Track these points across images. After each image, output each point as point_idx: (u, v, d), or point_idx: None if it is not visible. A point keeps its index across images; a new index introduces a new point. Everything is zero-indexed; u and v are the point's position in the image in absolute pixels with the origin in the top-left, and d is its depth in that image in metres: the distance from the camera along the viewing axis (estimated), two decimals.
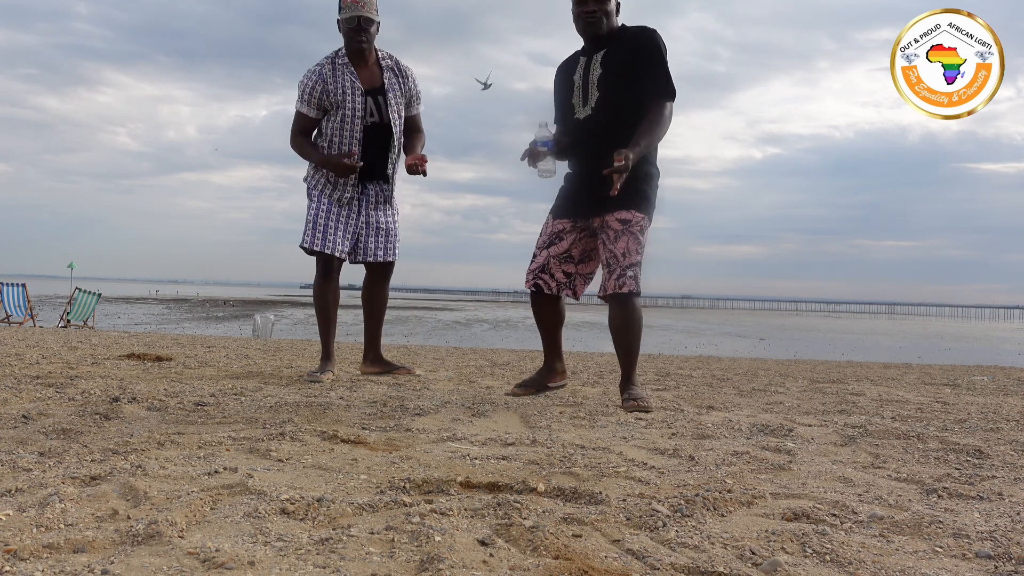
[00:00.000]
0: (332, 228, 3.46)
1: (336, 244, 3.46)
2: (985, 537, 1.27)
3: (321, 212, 3.46)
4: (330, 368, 3.51)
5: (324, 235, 3.44)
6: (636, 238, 2.78)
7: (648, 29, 2.85)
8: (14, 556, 1.04)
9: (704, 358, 7.89)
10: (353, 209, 3.51)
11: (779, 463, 1.82)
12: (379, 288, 3.71)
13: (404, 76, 3.54)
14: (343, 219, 3.49)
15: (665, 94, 2.79)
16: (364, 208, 3.54)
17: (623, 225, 2.78)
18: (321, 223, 3.45)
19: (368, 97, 3.43)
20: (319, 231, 3.44)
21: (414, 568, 1.06)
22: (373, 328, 3.73)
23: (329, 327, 3.58)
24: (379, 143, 3.49)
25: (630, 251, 2.77)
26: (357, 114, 3.41)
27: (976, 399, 3.58)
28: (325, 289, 3.54)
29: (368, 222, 3.56)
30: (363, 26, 3.35)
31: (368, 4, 3.36)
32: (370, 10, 3.36)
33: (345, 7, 3.36)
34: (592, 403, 2.87)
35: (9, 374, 3.20)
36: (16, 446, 1.75)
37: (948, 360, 10.65)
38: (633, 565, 1.09)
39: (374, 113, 3.46)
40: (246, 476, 1.50)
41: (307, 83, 3.41)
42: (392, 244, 3.61)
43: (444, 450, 1.87)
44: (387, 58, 3.52)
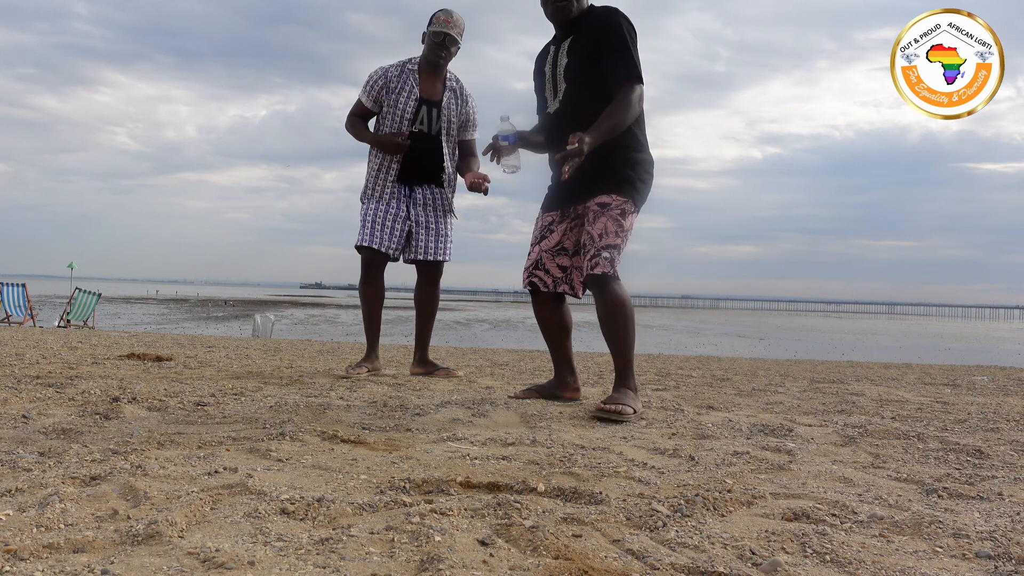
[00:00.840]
0: (379, 226, 3.63)
1: (381, 240, 3.62)
2: (985, 537, 1.27)
3: (368, 212, 3.66)
4: (366, 364, 3.69)
5: (371, 232, 3.63)
6: (615, 221, 2.65)
7: (612, 11, 2.71)
8: (14, 556, 1.04)
9: (704, 358, 7.89)
10: (401, 210, 3.67)
11: (779, 463, 1.82)
12: (429, 289, 3.81)
13: (464, 100, 3.74)
14: (390, 219, 3.65)
15: (629, 78, 2.63)
16: (413, 209, 3.70)
17: (602, 208, 2.67)
18: (370, 220, 3.64)
19: (423, 105, 3.64)
20: (366, 228, 3.64)
21: (414, 568, 1.06)
22: (422, 329, 3.84)
23: (371, 323, 3.76)
24: (426, 152, 3.67)
25: (607, 232, 2.64)
26: (406, 116, 3.61)
27: (976, 399, 3.58)
28: (368, 287, 3.71)
29: (418, 222, 3.70)
30: (447, 44, 3.58)
31: (457, 27, 3.60)
32: (457, 32, 3.61)
33: (437, 23, 3.58)
34: (592, 403, 2.87)
35: (9, 374, 3.20)
36: (16, 446, 1.75)
37: (948, 360, 10.65)
38: (633, 565, 1.09)
39: (424, 122, 3.65)
40: (246, 476, 1.50)
41: (373, 76, 3.64)
42: (443, 245, 3.74)
43: (444, 450, 1.87)
44: (453, 80, 3.72)
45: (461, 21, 3.62)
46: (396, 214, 3.65)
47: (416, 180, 3.69)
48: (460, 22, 3.61)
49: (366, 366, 3.68)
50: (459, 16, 3.62)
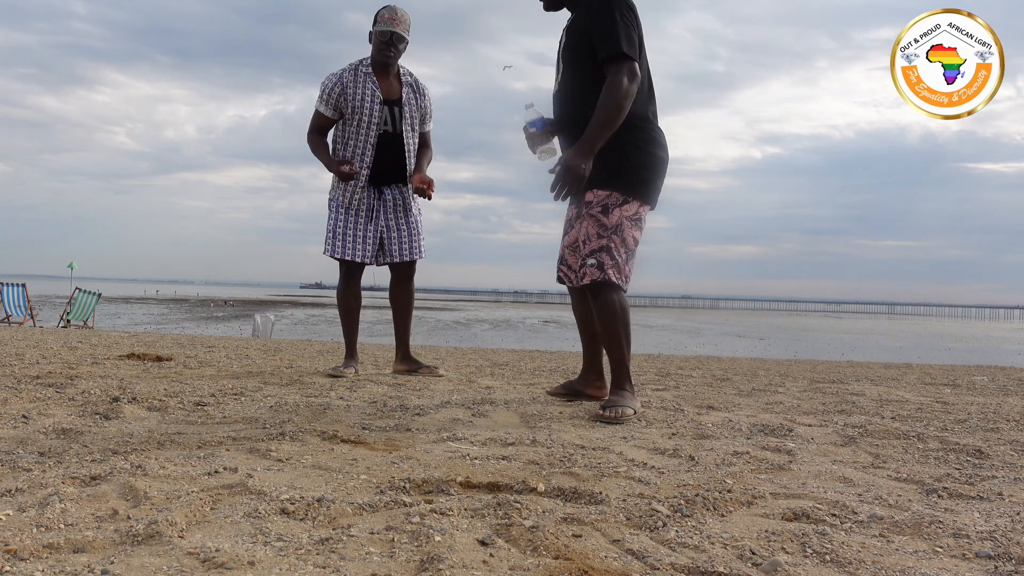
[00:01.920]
0: (351, 235, 3.65)
1: (356, 250, 3.65)
2: (985, 537, 1.27)
3: (339, 222, 3.66)
4: (353, 365, 3.73)
5: (343, 243, 3.65)
6: (596, 221, 2.52)
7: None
8: (14, 556, 1.04)
9: (704, 358, 7.89)
10: (371, 216, 3.68)
11: (779, 463, 1.82)
12: (403, 287, 3.83)
13: (421, 93, 3.73)
14: (361, 226, 3.67)
15: (613, 56, 2.43)
16: (383, 213, 3.70)
17: (586, 208, 2.55)
18: (340, 231, 3.66)
19: (385, 107, 3.62)
20: (338, 240, 3.65)
21: (414, 568, 1.06)
22: (400, 327, 3.86)
23: (352, 328, 3.79)
24: (392, 151, 3.66)
25: (589, 237, 2.53)
26: (374, 121, 3.60)
27: (976, 399, 3.58)
28: (347, 293, 3.76)
29: (389, 225, 3.71)
30: (394, 42, 3.56)
31: (402, 23, 3.57)
32: (403, 29, 3.57)
33: (381, 21, 3.56)
34: (592, 403, 2.87)
35: (9, 374, 3.20)
36: (16, 446, 1.75)
37: (948, 360, 10.65)
38: (633, 565, 1.09)
39: (388, 122, 3.64)
40: (246, 476, 1.50)
41: (328, 84, 3.60)
42: (415, 243, 3.75)
43: (444, 450, 1.87)
44: (408, 74, 3.71)
45: (406, 16, 3.58)
46: (367, 222, 3.66)
47: (385, 181, 3.69)
48: (405, 18, 3.58)
49: (353, 366, 3.71)
50: (403, 11, 3.58)
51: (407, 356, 3.83)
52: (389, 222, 3.70)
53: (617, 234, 2.53)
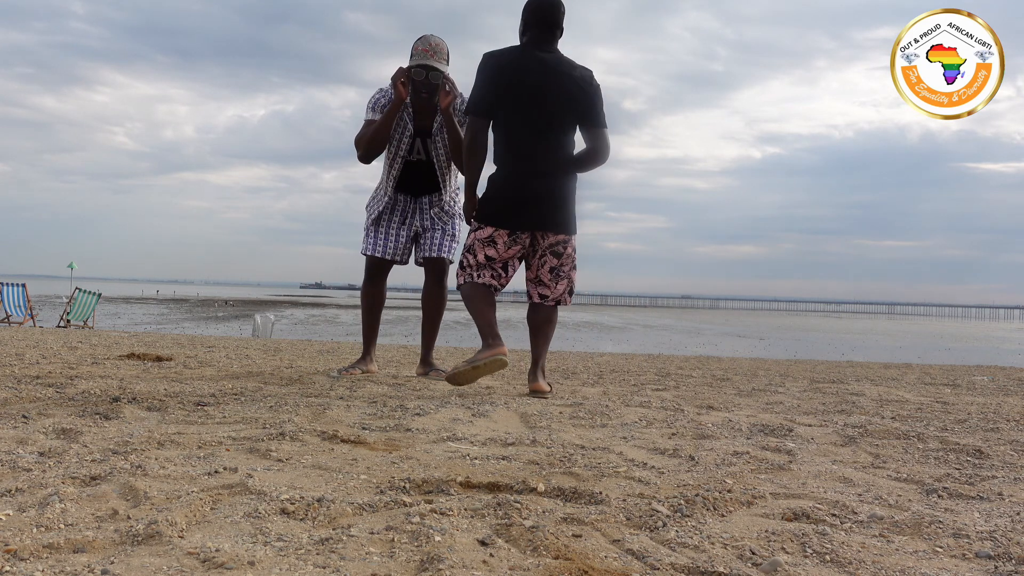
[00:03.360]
0: (382, 234, 3.68)
1: (385, 247, 3.67)
2: (985, 537, 1.27)
3: (370, 224, 3.70)
4: (361, 366, 3.71)
5: (372, 242, 3.68)
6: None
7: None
8: (14, 556, 1.04)
9: (704, 358, 7.89)
10: (405, 218, 3.70)
11: (779, 463, 1.82)
12: (434, 289, 3.77)
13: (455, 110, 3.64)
14: (394, 226, 3.69)
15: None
16: (420, 214, 3.71)
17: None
18: (371, 231, 3.70)
19: (417, 138, 3.58)
20: (369, 237, 3.70)
21: (414, 568, 1.06)
22: (427, 330, 3.81)
23: (370, 325, 3.81)
24: (427, 178, 3.66)
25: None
26: (400, 153, 3.59)
27: (976, 399, 3.58)
28: (369, 291, 3.78)
29: (425, 225, 3.71)
30: (430, 80, 3.43)
31: (439, 55, 3.44)
32: (439, 61, 3.44)
33: (416, 54, 3.44)
34: (592, 403, 2.87)
35: (9, 374, 3.20)
36: (16, 446, 1.75)
37: (948, 360, 10.65)
38: (633, 565, 1.09)
39: (421, 152, 3.61)
40: (246, 476, 1.50)
41: (375, 96, 3.57)
42: (447, 244, 3.73)
43: (444, 450, 1.87)
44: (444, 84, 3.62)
45: (442, 46, 3.46)
46: (399, 221, 3.68)
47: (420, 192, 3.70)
48: (441, 47, 3.45)
49: (360, 367, 3.69)
50: (439, 40, 3.47)
51: (427, 360, 3.80)
52: (425, 222, 3.70)
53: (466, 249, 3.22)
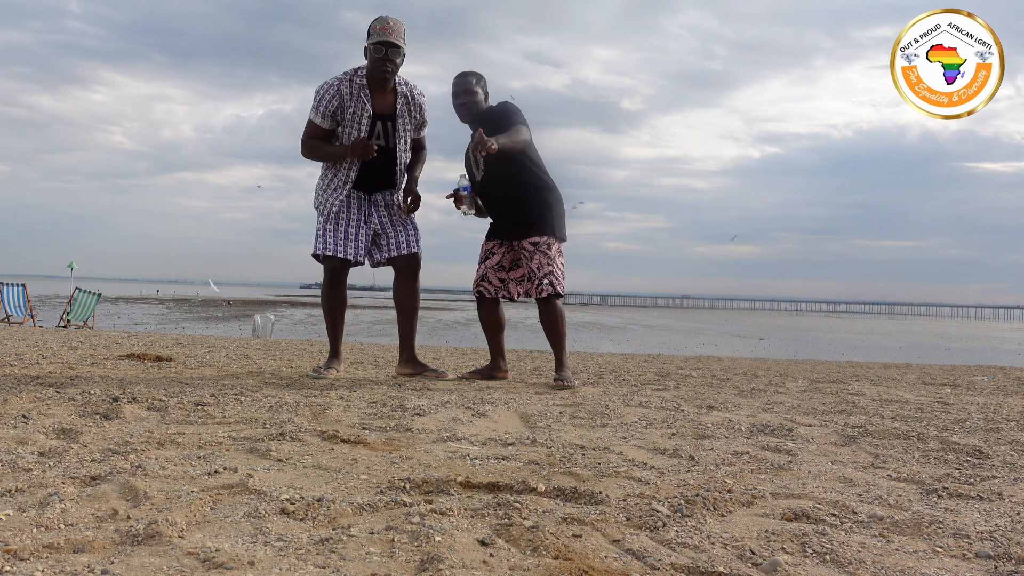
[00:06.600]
0: (341, 233, 3.59)
1: (346, 248, 3.59)
2: (985, 537, 1.27)
3: (329, 223, 3.60)
4: (335, 365, 3.68)
5: (334, 241, 3.59)
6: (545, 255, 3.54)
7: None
8: (14, 556, 1.04)
9: (704, 358, 7.89)
10: (363, 217, 3.63)
11: (779, 463, 1.82)
12: (407, 285, 3.72)
13: (418, 105, 3.65)
14: (352, 225, 3.61)
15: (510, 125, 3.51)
16: (376, 213, 3.67)
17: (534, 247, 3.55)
18: (331, 230, 3.59)
19: (377, 122, 3.54)
20: (328, 238, 3.59)
21: (414, 568, 1.06)
22: (405, 327, 3.74)
23: (335, 328, 3.75)
24: (383, 164, 3.60)
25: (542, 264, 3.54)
26: (362, 134, 3.51)
27: (976, 399, 3.58)
28: (330, 293, 3.70)
29: (383, 223, 3.67)
30: (390, 56, 3.44)
31: (397, 33, 3.44)
32: (398, 38, 3.44)
33: (375, 33, 3.43)
34: (592, 403, 2.87)
35: (9, 374, 3.20)
36: (16, 446, 1.75)
37: (948, 360, 10.65)
38: (633, 565, 1.09)
39: (381, 137, 3.57)
40: (246, 476, 1.50)
41: (323, 95, 3.47)
42: (414, 236, 3.69)
43: (444, 450, 1.87)
44: (403, 84, 3.60)
45: (400, 26, 3.46)
46: (358, 220, 3.61)
47: (374, 188, 3.65)
48: (399, 27, 3.44)
49: (335, 367, 3.65)
50: (396, 20, 3.46)
51: (412, 358, 3.72)
52: (383, 219, 3.66)
53: (557, 263, 3.57)
